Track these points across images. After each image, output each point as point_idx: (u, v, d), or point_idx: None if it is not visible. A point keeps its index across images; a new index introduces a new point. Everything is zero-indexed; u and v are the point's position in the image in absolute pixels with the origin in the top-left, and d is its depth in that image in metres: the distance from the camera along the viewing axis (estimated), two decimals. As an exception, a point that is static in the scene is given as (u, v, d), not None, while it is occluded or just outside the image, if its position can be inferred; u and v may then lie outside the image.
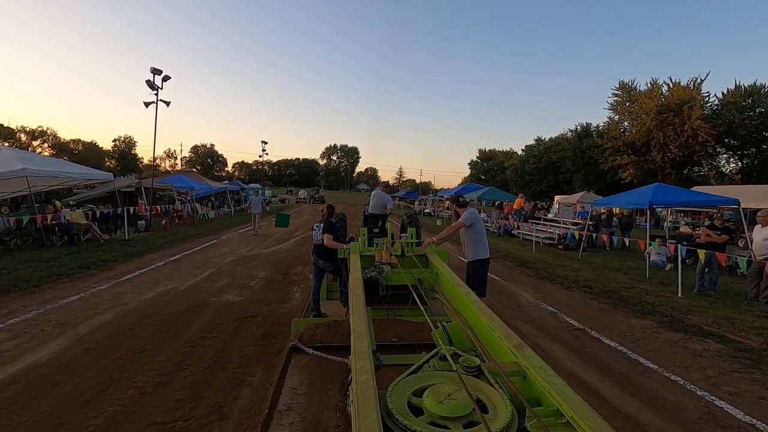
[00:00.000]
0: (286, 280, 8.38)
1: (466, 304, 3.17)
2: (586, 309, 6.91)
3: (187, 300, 6.52)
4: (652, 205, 10.12)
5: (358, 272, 4.19)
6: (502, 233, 18.60)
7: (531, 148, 63.91)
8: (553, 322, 6.11)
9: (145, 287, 7.21)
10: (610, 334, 5.62)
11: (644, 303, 7.19)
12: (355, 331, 2.46)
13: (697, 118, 35.91)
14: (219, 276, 8.44)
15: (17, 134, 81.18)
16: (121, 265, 9.01)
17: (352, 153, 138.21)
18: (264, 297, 6.97)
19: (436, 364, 2.16)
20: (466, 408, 1.69)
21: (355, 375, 1.94)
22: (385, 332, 4.70)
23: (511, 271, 10.23)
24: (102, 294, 6.65)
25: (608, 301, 7.43)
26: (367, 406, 1.62)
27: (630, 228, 15.30)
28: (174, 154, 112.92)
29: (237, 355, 4.58)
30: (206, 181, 25.86)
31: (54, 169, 11.00)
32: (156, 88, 15.70)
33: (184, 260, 10.03)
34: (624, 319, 6.38)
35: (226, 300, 6.67)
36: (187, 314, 5.84)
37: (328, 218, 5.82)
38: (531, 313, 6.52)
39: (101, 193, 15.82)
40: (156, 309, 5.99)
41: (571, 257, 12.55)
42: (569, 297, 7.72)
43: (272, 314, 6.03)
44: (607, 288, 8.34)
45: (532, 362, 2.05)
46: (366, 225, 8.24)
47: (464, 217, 5.28)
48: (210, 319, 5.67)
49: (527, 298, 7.52)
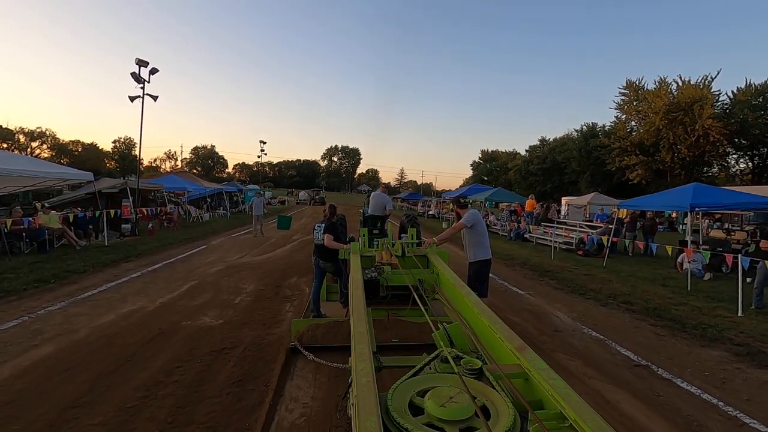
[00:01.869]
0: (278, 295, 7.22)
1: (467, 305, 3.15)
2: (638, 335, 5.72)
3: (154, 325, 5.35)
4: (693, 207, 8.95)
5: (358, 273, 4.15)
6: (513, 237, 17.42)
7: (535, 148, 62.78)
8: (604, 355, 4.92)
9: (107, 307, 6.04)
10: (682, 373, 4.44)
11: (704, 326, 6.01)
12: (355, 333, 2.43)
13: (709, 117, 34.84)
14: (200, 290, 7.28)
15: (16, 135, 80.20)
16: (89, 277, 7.85)
17: (353, 154, 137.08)
18: (249, 319, 5.81)
19: (438, 366, 2.13)
20: (467, 411, 1.65)
21: (355, 377, 1.91)
22: (386, 333, 4.65)
23: (534, 282, 9.05)
24: (50, 317, 5.48)
25: (659, 322, 6.25)
26: (368, 408, 1.59)
27: (653, 232, 14.11)
28: (174, 155, 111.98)
29: (202, 411, 3.41)
30: (201, 182, 24.68)
31: (22, 168, 9.84)
32: (142, 81, 14.56)
33: (164, 270, 8.86)
34: (689, 349, 5.20)
35: (201, 324, 5.50)
36: (149, 346, 4.67)
37: (329, 218, 5.70)
38: (573, 341, 5.33)
39: (82, 195, 14.64)
40: (111, 338, 4.82)
41: (594, 265, 11.37)
42: (611, 317, 6.54)
43: (256, 345, 4.86)
44: (650, 305, 7.16)
45: (534, 364, 2.03)
46: (365, 226, 8.11)
47: (465, 218, 5.23)
48: (176, 353, 4.51)
49: (562, 319, 6.35)
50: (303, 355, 4.56)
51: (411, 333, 4.61)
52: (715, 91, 36.99)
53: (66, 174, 12.07)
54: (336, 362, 3.97)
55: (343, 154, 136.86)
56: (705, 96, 36.15)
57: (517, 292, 7.98)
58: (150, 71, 14.86)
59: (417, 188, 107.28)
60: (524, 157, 64.27)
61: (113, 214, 12.71)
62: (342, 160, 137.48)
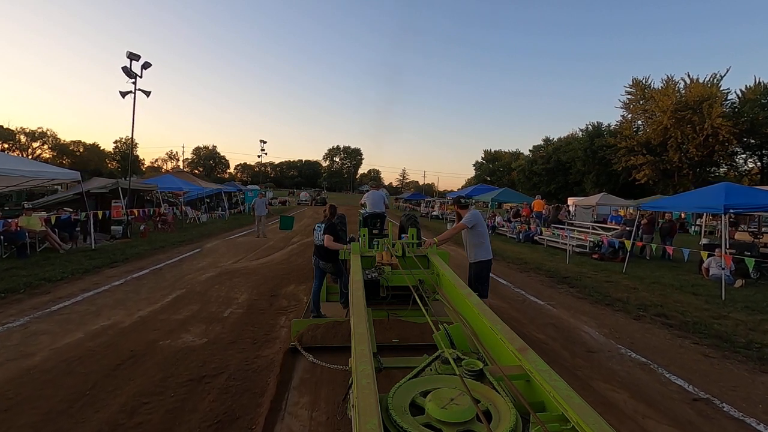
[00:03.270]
0: (273, 306, 6.50)
1: (468, 305, 3.13)
2: (684, 356, 4.96)
3: (126, 345, 4.63)
4: (728, 209, 8.19)
5: (358, 273, 4.14)
6: (522, 239, 16.65)
7: (539, 148, 61.94)
8: (653, 385, 4.17)
9: (76, 323, 5.31)
10: (754, 411, 3.68)
11: (757, 345, 5.25)
12: (355, 334, 2.40)
13: (718, 116, 34.02)
14: (186, 301, 6.56)
15: (17, 135, 79.79)
16: (65, 285, 7.14)
17: (354, 154, 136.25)
18: (237, 337, 5.08)
19: (438, 367, 2.12)
20: (468, 413, 1.63)
21: (356, 379, 1.89)
22: (386, 333, 4.61)
23: (553, 290, 8.29)
24: (6, 337, 4.74)
25: (703, 340, 5.50)
26: (369, 411, 1.56)
27: (672, 235, 13.32)
28: (176, 156, 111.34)
29: (165, 469, 2.68)
30: (198, 182, 23.97)
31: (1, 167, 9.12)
32: (134, 75, 13.85)
33: (150, 277, 8.14)
34: (750, 377, 4.44)
35: (182, 344, 4.78)
36: (115, 374, 3.95)
37: (329, 219, 5.58)
38: (613, 366, 4.59)
39: (69, 196, 13.93)
40: (71, 365, 4.09)
41: (613, 270, 10.61)
42: (648, 333, 5.78)
43: (243, 371, 4.14)
44: (687, 318, 6.41)
45: (535, 366, 2.01)
46: (366, 226, 7.96)
47: (466, 218, 5.19)
48: (146, 383, 3.78)
49: (593, 335, 5.60)
50: (297, 388, 3.85)
51: (411, 333, 4.60)
52: (724, 90, 36.21)
53: (51, 173, 11.35)
54: (336, 364, 3.88)
55: (345, 154, 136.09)
56: (714, 94, 35.37)
57: (537, 303, 7.24)
58: (142, 65, 14.14)
59: (419, 188, 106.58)
60: (528, 157, 63.41)
61: (102, 215, 11.98)
62: (344, 160, 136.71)
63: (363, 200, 8.86)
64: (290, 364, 4.36)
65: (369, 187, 9.50)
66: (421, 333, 4.49)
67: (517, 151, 77.43)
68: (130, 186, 14.60)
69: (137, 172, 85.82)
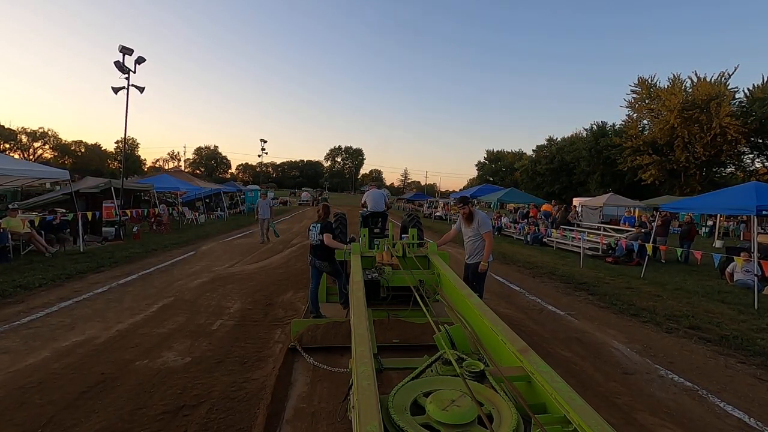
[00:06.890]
0: (268, 317, 5.91)
1: (468, 306, 3.08)
2: (735, 380, 4.35)
3: (96, 367, 4.04)
4: (760, 210, 7.57)
5: (359, 274, 4.13)
6: (530, 242, 16.04)
7: (542, 148, 61.19)
8: (707, 418, 3.56)
9: (45, 338, 4.74)
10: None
11: (812, 364, 4.65)
12: (356, 335, 2.38)
13: (727, 115, 33.35)
14: (173, 311, 5.98)
15: (18, 136, 79.59)
16: (42, 293, 6.57)
17: (356, 155, 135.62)
18: (225, 355, 4.50)
19: (439, 368, 2.09)
20: (470, 415, 1.60)
21: (356, 380, 1.86)
22: (387, 333, 4.57)
23: (571, 298, 7.68)
24: (-39, 356, 4.18)
25: (751, 359, 4.88)
26: (369, 412, 1.55)
27: (691, 238, 12.68)
28: (178, 156, 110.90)
29: None
30: (196, 182, 23.41)
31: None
32: (127, 70, 13.29)
33: (137, 284, 7.57)
34: (816, 406, 3.84)
35: (161, 364, 4.19)
36: (77, 404, 3.36)
37: (324, 218, 5.53)
38: (657, 393, 3.98)
39: (58, 196, 13.37)
40: (27, 393, 3.50)
41: (630, 275, 10.00)
42: (686, 350, 5.17)
43: (228, 399, 3.55)
44: (725, 330, 5.80)
45: (537, 367, 1.99)
46: (366, 225, 7.87)
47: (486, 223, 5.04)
48: (112, 418, 3.19)
49: (625, 353, 4.99)
50: (291, 422, 3.26)
51: (412, 334, 4.56)
52: (732, 88, 35.53)
53: (37, 172, 10.82)
54: (336, 366, 3.83)
55: (347, 154, 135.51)
56: (722, 93, 34.71)
57: (557, 313, 6.63)
58: (136, 60, 13.59)
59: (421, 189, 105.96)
60: (531, 157, 62.66)
61: (92, 216, 11.42)
62: (345, 160, 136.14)
63: (363, 199, 8.46)
64: (283, 389, 3.78)
65: (369, 186, 9.36)
66: (421, 334, 4.47)
67: (520, 151, 76.61)
68: (123, 185, 14.03)
69: (139, 172, 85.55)
